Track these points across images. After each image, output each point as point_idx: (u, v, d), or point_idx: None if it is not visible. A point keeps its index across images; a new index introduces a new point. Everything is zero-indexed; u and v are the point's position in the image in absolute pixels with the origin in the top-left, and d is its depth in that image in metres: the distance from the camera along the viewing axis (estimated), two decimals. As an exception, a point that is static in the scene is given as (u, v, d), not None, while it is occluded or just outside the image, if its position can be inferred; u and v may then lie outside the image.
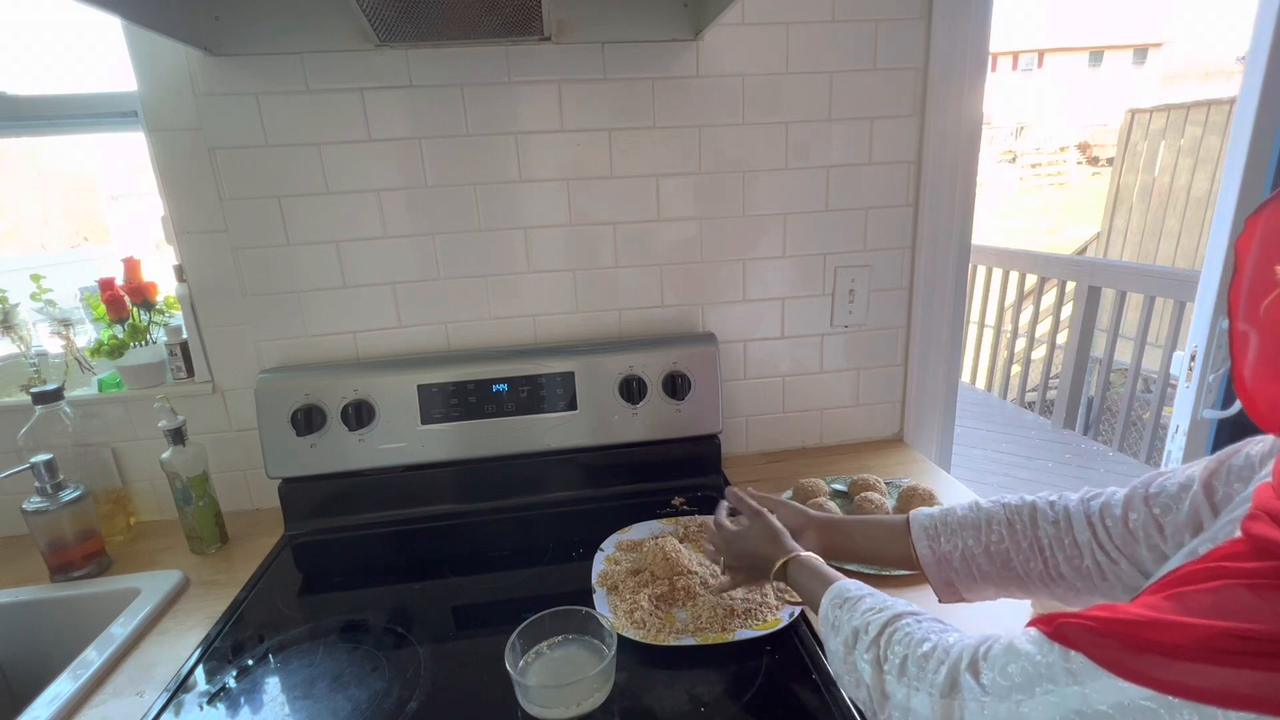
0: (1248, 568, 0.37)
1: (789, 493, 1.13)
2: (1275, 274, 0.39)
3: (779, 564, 0.72)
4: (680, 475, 1.22)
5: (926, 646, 0.51)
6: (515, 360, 1.14)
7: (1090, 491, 0.64)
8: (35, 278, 1.14)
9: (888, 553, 0.75)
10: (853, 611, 0.59)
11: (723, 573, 0.85)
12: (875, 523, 0.77)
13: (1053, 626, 0.42)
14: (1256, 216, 0.41)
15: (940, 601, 0.70)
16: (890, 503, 1.07)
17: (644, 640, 0.78)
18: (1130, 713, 0.36)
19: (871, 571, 0.91)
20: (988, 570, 0.66)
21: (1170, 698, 0.35)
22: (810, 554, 0.72)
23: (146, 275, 1.16)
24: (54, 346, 1.19)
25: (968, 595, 0.69)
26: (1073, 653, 0.40)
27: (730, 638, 0.79)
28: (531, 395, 1.14)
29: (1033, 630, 0.44)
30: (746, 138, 1.16)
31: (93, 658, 0.83)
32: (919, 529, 0.71)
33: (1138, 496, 0.59)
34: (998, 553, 0.65)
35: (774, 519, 0.79)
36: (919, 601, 0.79)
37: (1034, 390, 4.07)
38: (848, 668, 0.57)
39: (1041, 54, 20.40)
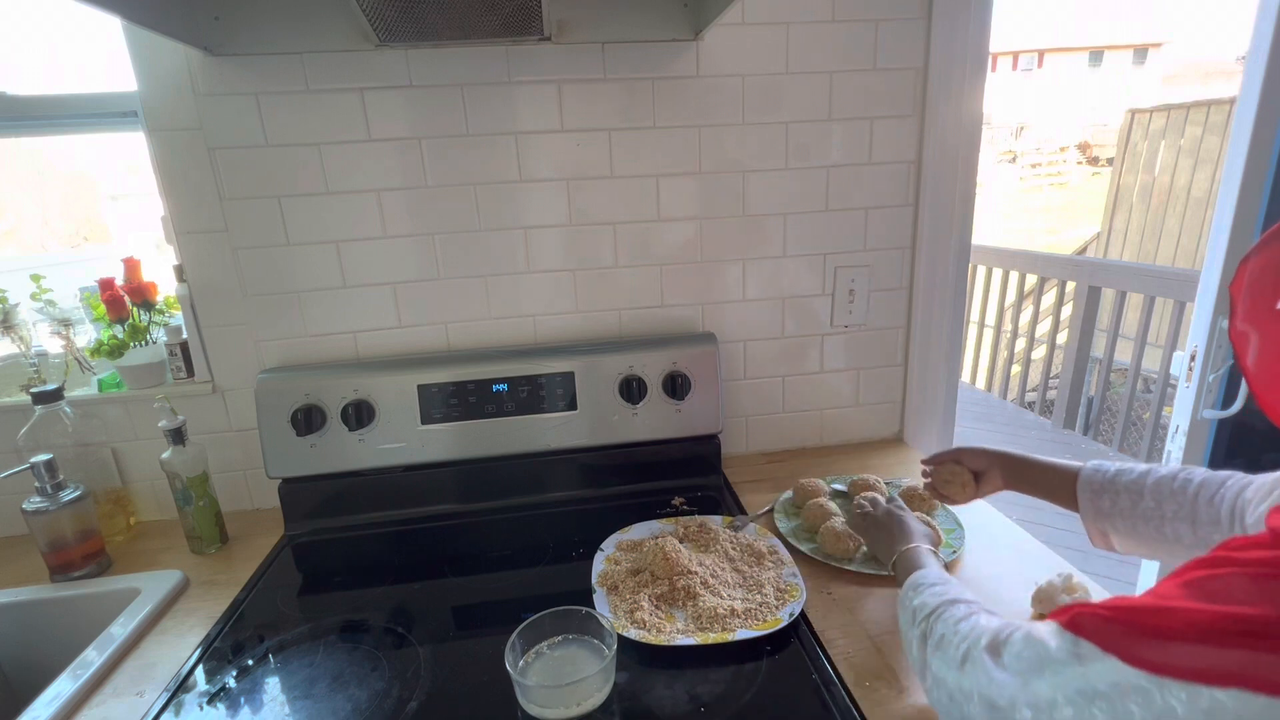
0: (1254, 557, 0.40)
1: (789, 493, 1.13)
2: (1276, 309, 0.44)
3: (897, 554, 0.79)
4: (680, 475, 1.22)
5: (964, 627, 0.57)
6: (515, 360, 1.14)
7: (1246, 479, 0.66)
8: (35, 278, 1.14)
9: (1056, 496, 0.81)
10: (918, 593, 0.67)
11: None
12: (1051, 469, 0.82)
13: (1068, 617, 0.46)
14: (1245, 264, 0.47)
15: (1093, 545, 0.77)
16: (890, 503, 1.07)
17: (644, 640, 0.78)
18: (1125, 692, 0.40)
19: (871, 571, 0.92)
20: (1142, 531, 0.72)
21: (1163, 678, 0.38)
22: (919, 546, 0.79)
23: (146, 275, 1.16)
24: (54, 346, 1.19)
25: (1119, 548, 0.76)
26: (1082, 640, 0.44)
27: (730, 638, 0.79)
28: (531, 395, 1.14)
29: (1052, 623, 0.48)
30: (746, 138, 1.16)
31: (93, 658, 0.83)
32: (1085, 484, 0.77)
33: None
34: (1152, 518, 0.71)
35: (904, 517, 0.86)
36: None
37: (1034, 390, 4.07)
38: (907, 641, 0.65)
39: (1041, 54, 20.39)
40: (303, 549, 1.10)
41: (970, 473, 0.90)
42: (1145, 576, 1.60)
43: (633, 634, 0.79)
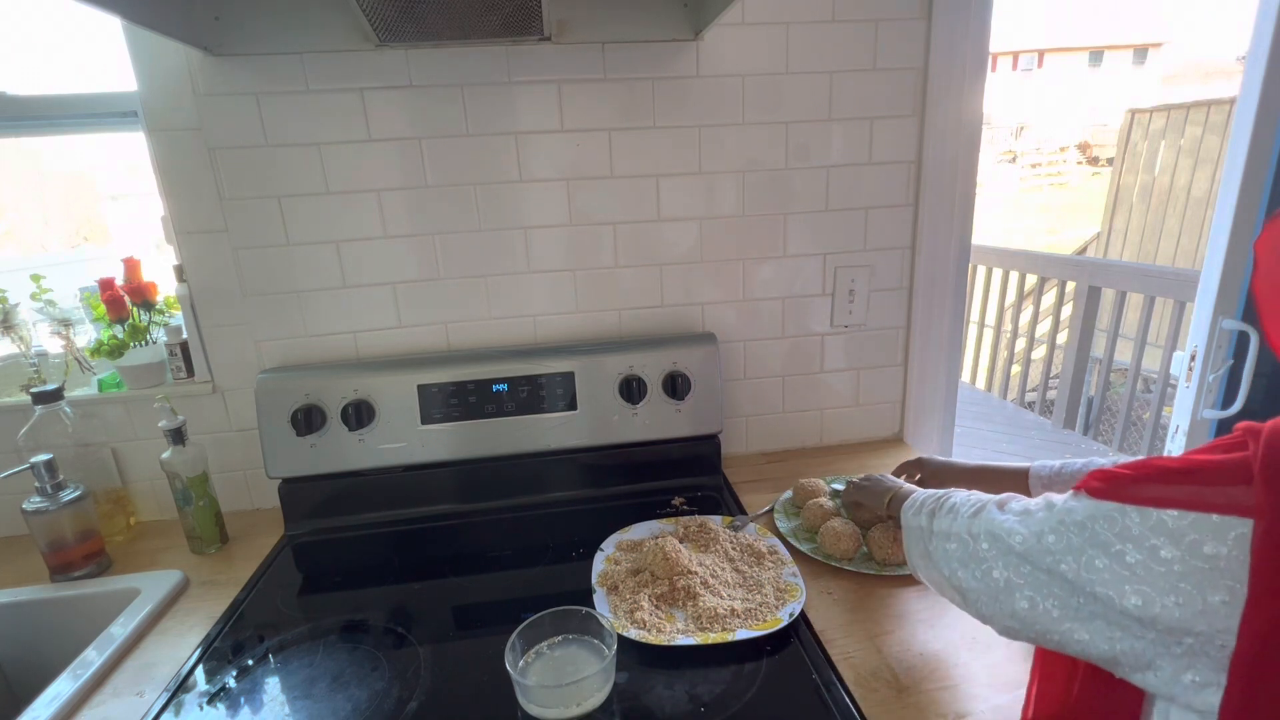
0: (1226, 441, 0.49)
1: (789, 493, 1.13)
2: None
3: (893, 493, 0.85)
4: (680, 475, 1.22)
5: (977, 496, 0.67)
6: (515, 360, 1.14)
7: None
8: (35, 278, 1.14)
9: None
10: (930, 493, 0.74)
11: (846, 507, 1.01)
12: (1004, 471, 0.88)
13: (1086, 476, 0.54)
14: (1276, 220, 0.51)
15: None
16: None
17: (644, 640, 0.78)
18: (1096, 519, 0.51)
19: (872, 571, 0.92)
20: None
21: (1125, 505, 0.49)
22: (912, 486, 0.85)
23: (146, 275, 1.16)
24: (54, 346, 1.19)
25: None
26: (1079, 491, 0.53)
27: (730, 638, 0.79)
28: (531, 395, 1.14)
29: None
30: (747, 138, 1.16)
31: (93, 658, 0.83)
32: (1035, 479, 0.83)
33: None
34: None
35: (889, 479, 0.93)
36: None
37: (1034, 390, 4.06)
38: (912, 528, 0.72)
39: (1041, 54, 20.38)
40: (303, 549, 1.10)
41: None
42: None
43: (633, 634, 0.79)
